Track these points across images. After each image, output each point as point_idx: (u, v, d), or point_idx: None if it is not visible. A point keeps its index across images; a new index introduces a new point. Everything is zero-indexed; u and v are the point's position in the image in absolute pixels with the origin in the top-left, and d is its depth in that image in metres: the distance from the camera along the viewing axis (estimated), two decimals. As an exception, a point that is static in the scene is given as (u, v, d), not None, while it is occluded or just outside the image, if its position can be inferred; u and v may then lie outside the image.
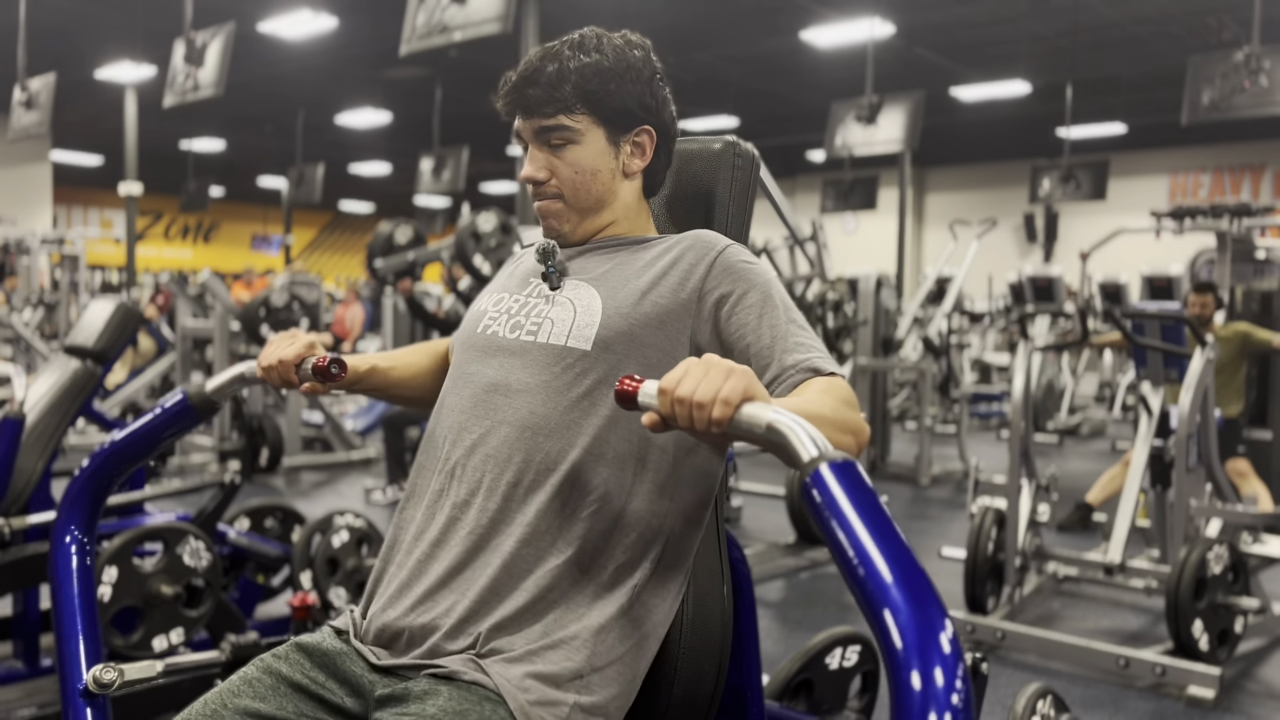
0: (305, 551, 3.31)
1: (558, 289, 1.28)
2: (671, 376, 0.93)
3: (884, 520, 0.78)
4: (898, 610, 0.72)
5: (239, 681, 1.16)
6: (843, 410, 1.07)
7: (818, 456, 0.84)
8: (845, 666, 2.29)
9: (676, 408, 0.92)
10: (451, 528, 1.19)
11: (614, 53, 1.28)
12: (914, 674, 0.68)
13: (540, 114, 1.26)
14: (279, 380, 1.36)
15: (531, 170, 1.29)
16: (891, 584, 0.73)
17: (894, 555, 0.75)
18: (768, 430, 0.89)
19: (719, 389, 0.91)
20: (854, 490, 0.80)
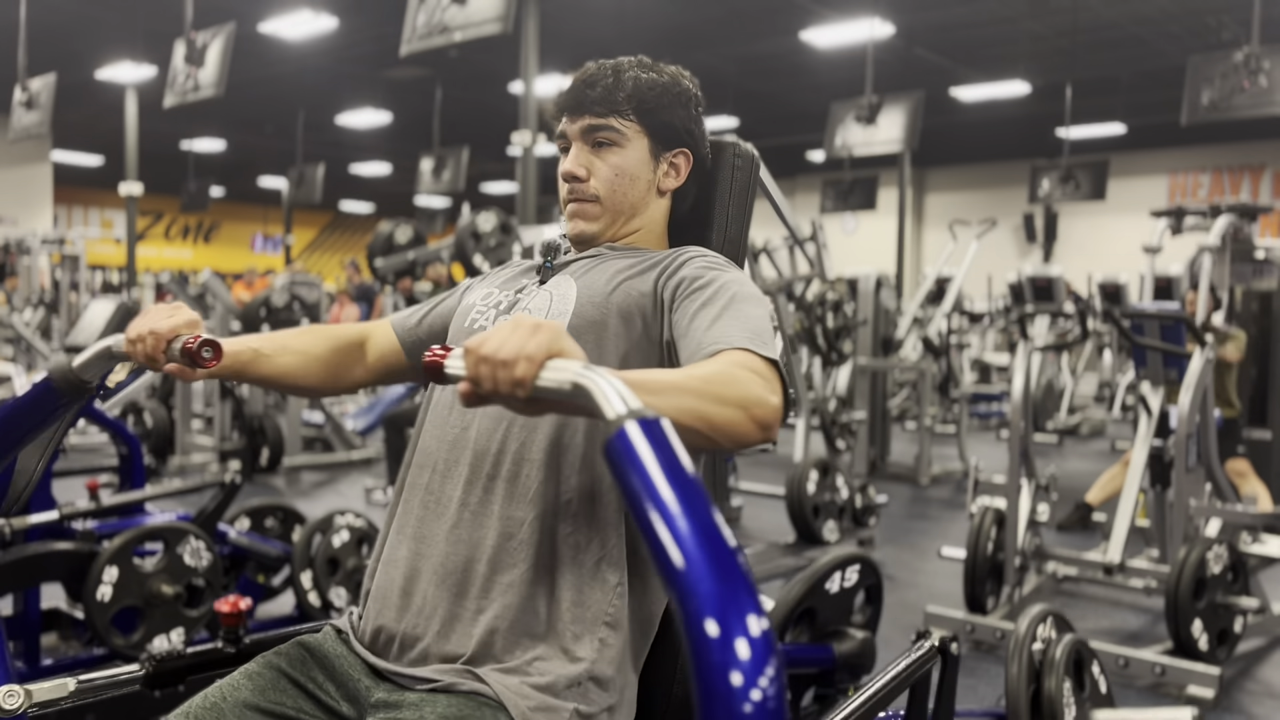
0: (306, 551, 3.31)
1: (545, 283, 1.29)
2: (476, 338, 0.88)
3: (691, 485, 0.72)
4: (699, 579, 0.66)
5: (240, 676, 1.16)
6: (731, 385, 0.99)
7: (625, 413, 0.76)
8: (846, 587, 2.32)
9: (482, 368, 0.87)
10: (434, 522, 1.19)
11: (669, 76, 1.33)
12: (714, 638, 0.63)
13: (592, 112, 1.29)
14: (144, 357, 1.23)
15: (572, 166, 1.31)
16: (694, 548, 0.67)
17: (698, 519, 0.69)
18: (573, 389, 0.83)
19: (522, 346, 0.85)
20: (661, 450, 0.73)
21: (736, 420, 0.97)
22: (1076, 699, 2.12)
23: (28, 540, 2.87)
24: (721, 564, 0.67)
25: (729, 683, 0.62)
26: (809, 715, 2.26)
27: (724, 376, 0.99)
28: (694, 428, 0.94)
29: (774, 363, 1.07)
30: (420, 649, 1.15)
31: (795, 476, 4.71)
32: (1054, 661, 2.12)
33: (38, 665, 2.91)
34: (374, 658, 1.18)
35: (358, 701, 1.15)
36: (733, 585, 0.66)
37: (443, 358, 0.93)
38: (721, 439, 0.97)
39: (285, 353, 1.35)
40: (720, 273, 1.22)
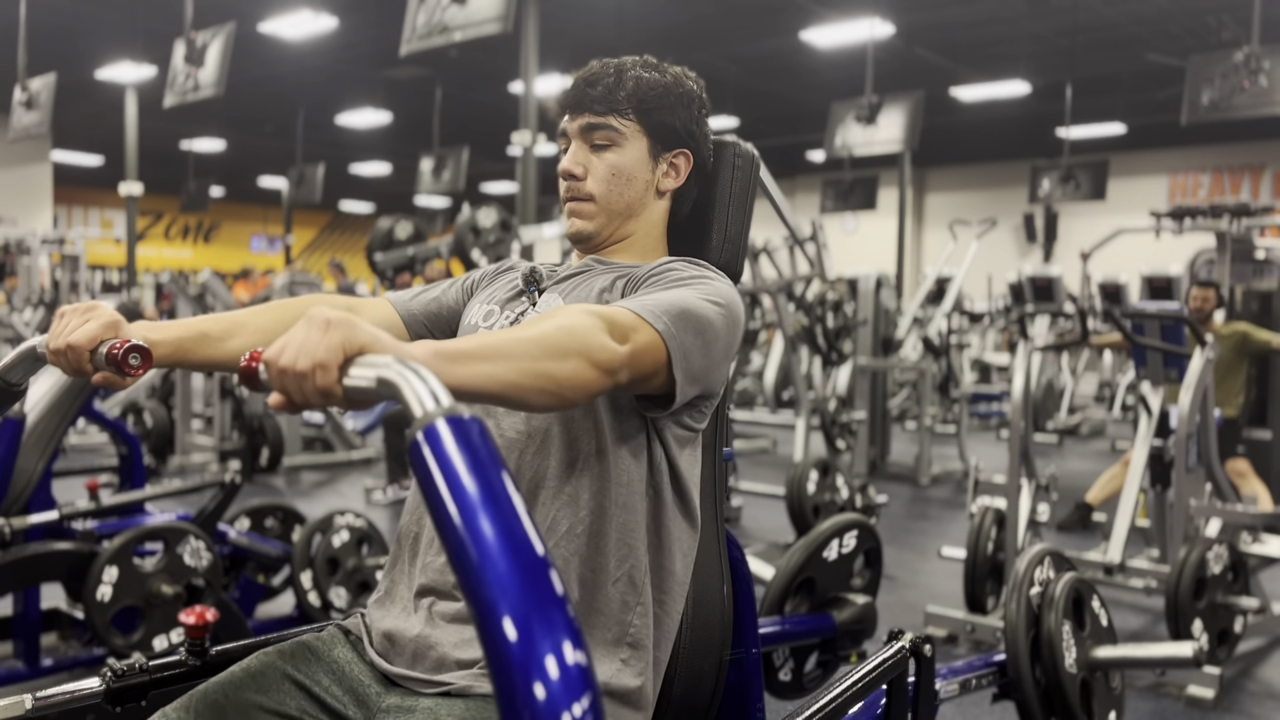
0: (305, 551, 3.31)
1: (535, 302, 1.30)
2: (275, 345, 0.81)
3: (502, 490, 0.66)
4: (504, 588, 0.60)
5: (242, 674, 1.15)
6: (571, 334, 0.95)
7: (435, 411, 0.70)
8: (844, 553, 2.32)
9: (285, 381, 0.80)
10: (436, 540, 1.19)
11: (672, 76, 1.33)
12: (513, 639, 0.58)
13: (592, 111, 1.29)
14: (70, 368, 1.13)
15: (569, 164, 1.31)
16: (501, 560, 0.61)
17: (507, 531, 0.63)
18: (380, 385, 0.76)
19: (314, 352, 0.78)
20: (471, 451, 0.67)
21: (577, 370, 0.94)
22: (1077, 638, 2.08)
23: (28, 540, 2.87)
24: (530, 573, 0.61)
25: (534, 694, 0.57)
26: (812, 682, 2.27)
27: (561, 328, 0.95)
28: (537, 386, 0.92)
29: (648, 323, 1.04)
30: (435, 657, 1.14)
31: (795, 476, 4.71)
32: (1053, 601, 2.08)
33: (38, 665, 2.92)
34: (386, 664, 1.17)
35: (365, 705, 1.14)
36: (541, 596, 0.60)
37: (255, 365, 0.85)
38: (568, 392, 0.95)
39: (241, 332, 1.23)
40: (682, 270, 1.20)
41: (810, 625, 2.23)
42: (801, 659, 2.26)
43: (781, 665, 2.23)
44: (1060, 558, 2.21)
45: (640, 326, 1.04)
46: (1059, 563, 2.20)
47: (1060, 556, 2.21)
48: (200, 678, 1.29)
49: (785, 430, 7.70)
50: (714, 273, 1.24)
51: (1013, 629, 2.06)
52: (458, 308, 1.39)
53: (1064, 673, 2.02)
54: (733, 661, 1.37)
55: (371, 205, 25.53)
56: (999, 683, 2.06)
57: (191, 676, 1.33)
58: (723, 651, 1.34)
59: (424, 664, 1.15)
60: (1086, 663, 2.09)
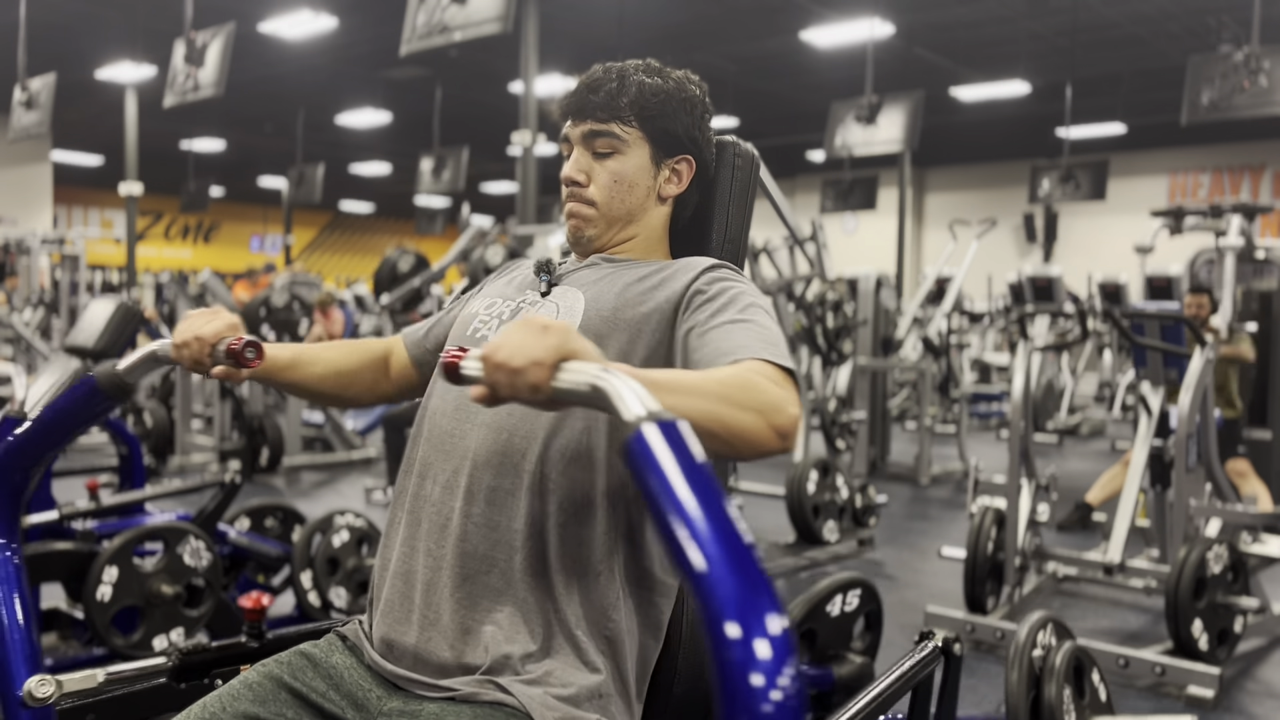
0: (305, 551, 3.31)
1: (547, 294, 1.29)
2: (491, 343, 0.88)
3: (709, 487, 0.72)
4: (719, 579, 0.67)
5: (239, 685, 1.15)
6: (749, 390, 0.97)
7: (643, 415, 0.77)
8: (847, 611, 2.31)
9: (497, 375, 0.87)
10: (439, 535, 1.18)
11: (675, 82, 1.33)
12: (737, 647, 0.65)
13: (594, 118, 1.29)
14: (191, 361, 1.26)
15: (571, 171, 1.31)
16: (715, 549, 0.68)
17: (717, 521, 0.70)
18: (592, 391, 0.82)
19: (531, 350, 0.85)
20: (680, 451, 0.74)
21: (755, 426, 0.95)
22: (1076, 706, 2.11)
23: (28, 540, 2.87)
24: (740, 564, 0.68)
25: (749, 684, 0.63)
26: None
27: (743, 382, 0.98)
28: (712, 431, 0.92)
29: (791, 373, 1.06)
30: (437, 661, 1.14)
31: (795, 476, 4.71)
32: (1054, 668, 2.11)
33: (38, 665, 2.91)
34: (390, 665, 1.17)
35: (365, 710, 1.14)
36: (752, 585, 0.66)
37: (460, 359, 0.92)
38: (740, 445, 0.95)
39: (318, 363, 1.39)
40: (732, 284, 1.22)
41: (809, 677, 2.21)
42: None
43: None
44: (1061, 625, 2.21)
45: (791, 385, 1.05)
46: (1060, 630, 2.20)
47: (1061, 624, 2.21)
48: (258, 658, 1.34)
49: (785, 430, 7.67)
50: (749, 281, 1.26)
51: (1014, 693, 2.09)
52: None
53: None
54: (733, 661, 1.36)
55: (371, 205, 25.53)
56: None
57: (251, 656, 1.41)
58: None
59: (426, 669, 1.14)
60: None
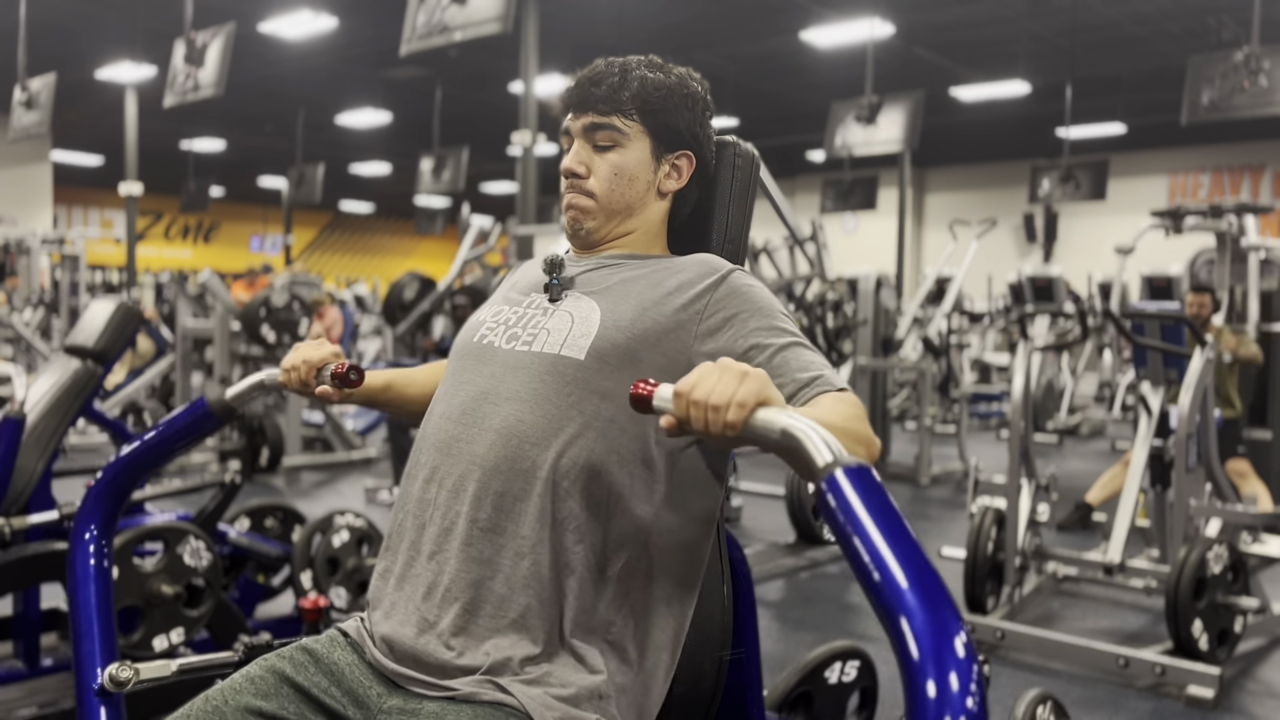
0: (306, 551, 3.31)
1: (557, 300, 1.28)
2: (687, 380, 0.94)
3: (899, 525, 0.78)
4: (913, 615, 0.72)
5: (241, 679, 1.16)
6: (854, 423, 1.07)
7: (833, 461, 0.84)
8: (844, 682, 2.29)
9: (692, 410, 0.93)
10: (444, 539, 1.18)
11: (677, 77, 1.34)
12: (929, 681, 0.69)
13: (596, 110, 1.30)
14: (298, 384, 1.37)
15: (572, 163, 1.31)
16: (907, 590, 0.74)
17: (909, 560, 0.76)
18: (782, 435, 0.89)
19: (734, 392, 0.91)
20: (869, 495, 0.81)
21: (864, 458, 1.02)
22: None
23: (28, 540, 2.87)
24: (934, 601, 0.73)
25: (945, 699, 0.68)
26: None
27: (852, 417, 1.08)
28: None
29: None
30: (437, 661, 1.14)
31: (795, 477, 4.71)
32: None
33: (38, 665, 2.91)
34: (391, 664, 1.17)
35: (366, 707, 1.14)
36: (943, 618, 0.72)
37: (650, 392, 0.98)
38: None
39: (412, 385, 1.48)
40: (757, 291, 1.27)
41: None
42: None
43: None
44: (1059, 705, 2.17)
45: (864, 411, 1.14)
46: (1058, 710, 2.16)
47: (1059, 704, 2.17)
48: None
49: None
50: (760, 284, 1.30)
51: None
52: None
53: None
54: (733, 662, 1.37)
55: (371, 205, 25.52)
56: None
57: None
58: (723, 651, 1.34)
59: (427, 668, 1.15)
60: None
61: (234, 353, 6.81)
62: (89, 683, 1.28)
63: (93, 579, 1.38)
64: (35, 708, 2.73)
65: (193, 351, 7.32)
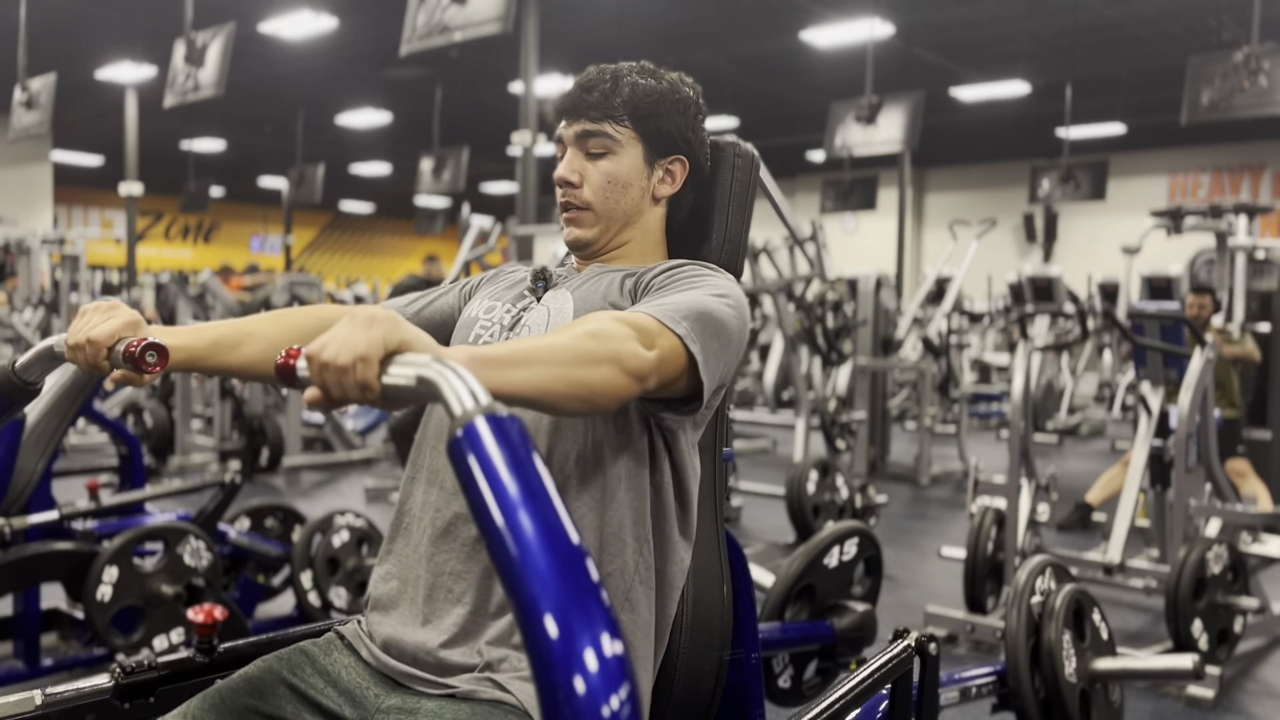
0: (305, 551, 3.31)
1: (540, 298, 1.30)
2: (318, 340, 0.82)
3: (540, 485, 0.67)
4: (544, 583, 0.62)
5: (239, 679, 1.16)
6: (600, 342, 0.96)
7: (474, 409, 0.72)
8: (845, 561, 2.31)
9: (326, 375, 0.81)
10: (443, 538, 1.18)
11: (668, 83, 1.33)
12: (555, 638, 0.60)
13: (588, 118, 1.29)
14: (87, 364, 1.14)
15: (565, 172, 1.31)
16: (540, 552, 0.63)
17: (546, 526, 0.65)
18: (419, 383, 0.78)
19: (356, 345, 0.80)
20: (510, 448, 0.69)
21: (609, 377, 0.96)
22: (1077, 649, 2.09)
23: (28, 540, 2.87)
24: (569, 567, 0.63)
25: (574, 688, 0.58)
26: (811, 689, 2.27)
27: (592, 335, 0.97)
28: (568, 394, 0.93)
29: (669, 328, 1.05)
30: (437, 659, 1.14)
31: (795, 476, 4.71)
32: (1053, 611, 2.08)
33: (38, 665, 2.92)
34: (391, 661, 1.17)
35: (363, 707, 1.14)
36: (580, 589, 0.62)
37: (293, 360, 0.85)
38: (600, 399, 0.96)
39: (251, 340, 1.23)
40: (691, 270, 1.22)
41: (810, 632, 2.22)
42: (801, 666, 2.26)
43: (781, 672, 2.23)
44: (1061, 569, 2.20)
45: (663, 332, 1.04)
46: (1060, 574, 2.20)
47: (1061, 568, 2.20)
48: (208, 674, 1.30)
49: (785, 430, 7.69)
50: (719, 272, 1.24)
51: (1013, 638, 2.06)
52: (453, 313, 1.39)
53: (1064, 683, 2.02)
54: (732, 662, 1.37)
55: (371, 205, 25.52)
56: (998, 692, 2.06)
57: (200, 673, 1.34)
58: (722, 651, 1.34)
59: (426, 666, 1.15)
60: (1086, 674, 2.10)
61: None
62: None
63: None
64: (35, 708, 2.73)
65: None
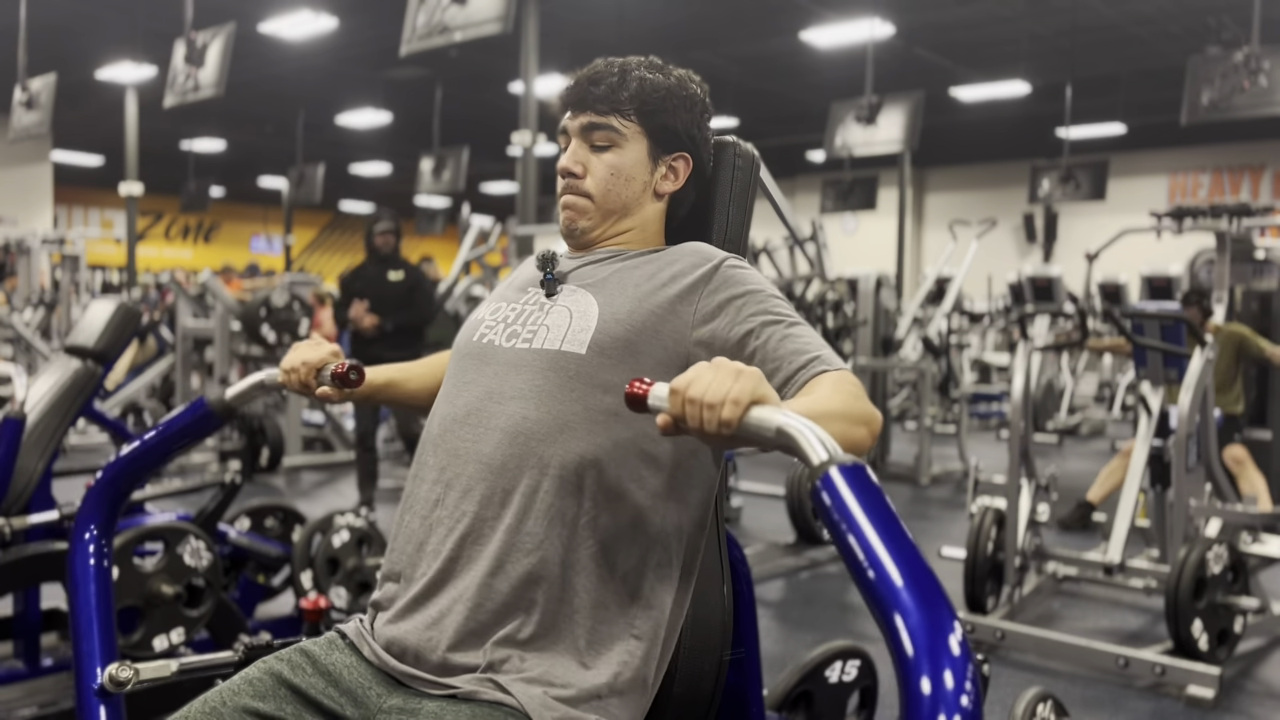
0: (306, 551, 3.31)
1: (554, 295, 1.29)
2: (683, 378, 0.94)
3: (894, 523, 0.79)
4: (907, 613, 0.72)
5: (240, 681, 1.16)
6: (853, 404, 1.07)
7: (827, 460, 0.84)
8: (844, 681, 2.29)
9: (688, 408, 0.93)
10: (451, 538, 1.18)
11: (676, 79, 1.34)
12: (924, 678, 0.69)
13: (594, 110, 1.30)
14: (298, 385, 1.37)
15: (568, 162, 1.32)
16: (902, 588, 0.74)
17: (904, 558, 0.76)
18: (777, 433, 0.89)
19: (728, 390, 0.91)
20: (863, 493, 0.81)
21: (864, 436, 1.05)
22: None
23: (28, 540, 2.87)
24: (929, 598, 0.73)
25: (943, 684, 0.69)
26: None
27: (851, 397, 1.08)
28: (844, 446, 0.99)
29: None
30: (439, 659, 1.14)
31: (795, 476, 4.71)
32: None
33: (38, 665, 2.91)
34: (393, 661, 1.17)
35: (365, 707, 1.14)
36: (938, 615, 0.72)
37: (645, 391, 0.98)
38: (856, 453, 1.02)
39: (412, 380, 1.50)
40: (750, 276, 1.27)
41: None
42: None
43: None
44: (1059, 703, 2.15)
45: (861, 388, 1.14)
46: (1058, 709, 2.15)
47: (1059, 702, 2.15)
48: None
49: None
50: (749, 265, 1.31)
51: None
52: None
53: None
54: (733, 662, 1.37)
55: (371, 205, 25.51)
56: None
57: None
58: (723, 651, 1.34)
59: (428, 666, 1.15)
60: None
61: (234, 352, 6.81)
62: (89, 682, 1.29)
63: (93, 579, 1.38)
64: (35, 708, 2.73)
65: (193, 352, 7.32)
